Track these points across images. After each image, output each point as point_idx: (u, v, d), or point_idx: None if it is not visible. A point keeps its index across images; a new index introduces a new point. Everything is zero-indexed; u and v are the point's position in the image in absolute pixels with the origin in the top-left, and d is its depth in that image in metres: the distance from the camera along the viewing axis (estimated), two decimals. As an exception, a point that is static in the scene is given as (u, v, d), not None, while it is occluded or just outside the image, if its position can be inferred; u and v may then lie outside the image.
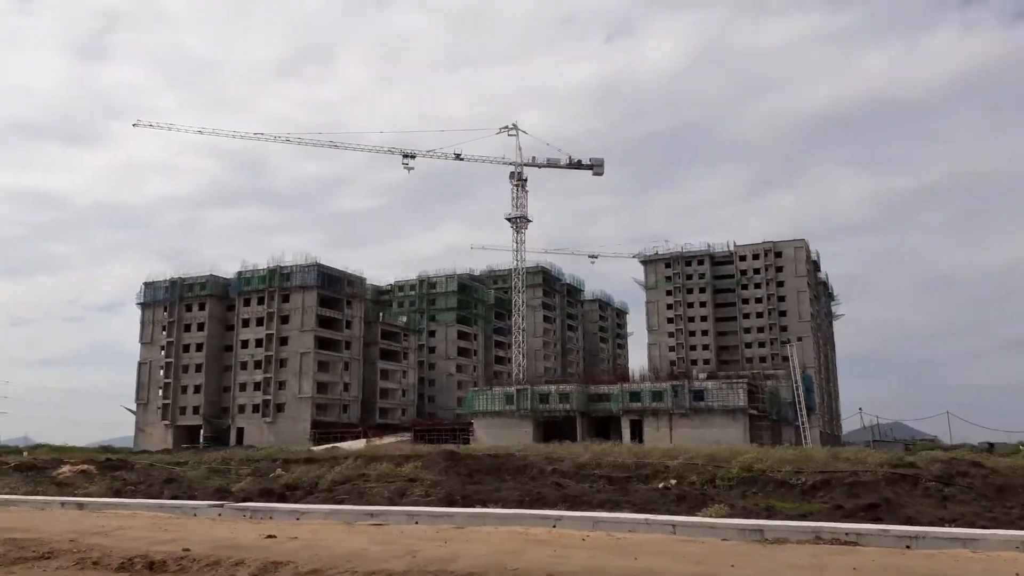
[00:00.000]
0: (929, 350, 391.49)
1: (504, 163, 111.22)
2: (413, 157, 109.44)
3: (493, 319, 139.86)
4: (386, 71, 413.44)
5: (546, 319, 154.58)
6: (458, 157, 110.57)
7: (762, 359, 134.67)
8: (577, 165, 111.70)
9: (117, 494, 30.00)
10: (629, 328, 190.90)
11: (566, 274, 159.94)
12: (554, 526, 16.37)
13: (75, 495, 29.86)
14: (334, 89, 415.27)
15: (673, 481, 27.92)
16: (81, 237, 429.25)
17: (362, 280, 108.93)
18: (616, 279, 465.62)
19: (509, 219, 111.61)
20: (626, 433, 77.81)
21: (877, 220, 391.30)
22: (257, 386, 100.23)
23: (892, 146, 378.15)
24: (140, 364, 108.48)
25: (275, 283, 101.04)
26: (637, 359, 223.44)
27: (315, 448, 72.38)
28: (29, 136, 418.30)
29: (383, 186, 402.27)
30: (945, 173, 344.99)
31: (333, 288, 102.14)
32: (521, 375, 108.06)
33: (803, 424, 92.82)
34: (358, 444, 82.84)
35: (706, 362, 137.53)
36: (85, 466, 43.02)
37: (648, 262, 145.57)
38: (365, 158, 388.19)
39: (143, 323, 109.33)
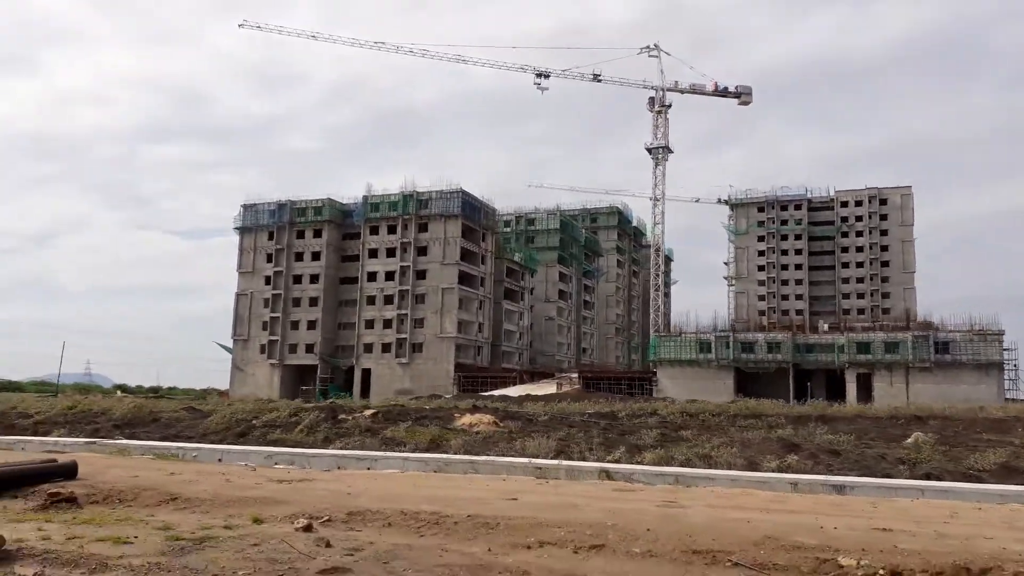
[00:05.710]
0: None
1: (645, 86, 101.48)
2: (547, 76, 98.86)
3: (584, 261, 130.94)
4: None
5: (618, 263, 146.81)
6: (596, 78, 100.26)
7: (860, 311, 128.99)
8: (723, 92, 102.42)
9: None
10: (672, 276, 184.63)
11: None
12: None
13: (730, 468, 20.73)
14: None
15: None
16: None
17: (495, 211, 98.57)
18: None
19: (649, 149, 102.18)
20: (851, 388, 70.65)
21: (823, 180, 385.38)
22: (387, 323, 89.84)
23: (836, 107, 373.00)
24: (239, 296, 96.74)
25: (410, 210, 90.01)
26: (678, 309, 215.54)
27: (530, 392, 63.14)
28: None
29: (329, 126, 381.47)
30: (886, 136, 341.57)
31: (473, 218, 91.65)
32: (660, 323, 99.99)
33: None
34: (549, 388, 73.95)
35: (798, 313, 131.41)
36: (484, 416, 34.07)
37: (738, 205, 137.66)
38: (314, 96, 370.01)
39: (242, 250, 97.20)
